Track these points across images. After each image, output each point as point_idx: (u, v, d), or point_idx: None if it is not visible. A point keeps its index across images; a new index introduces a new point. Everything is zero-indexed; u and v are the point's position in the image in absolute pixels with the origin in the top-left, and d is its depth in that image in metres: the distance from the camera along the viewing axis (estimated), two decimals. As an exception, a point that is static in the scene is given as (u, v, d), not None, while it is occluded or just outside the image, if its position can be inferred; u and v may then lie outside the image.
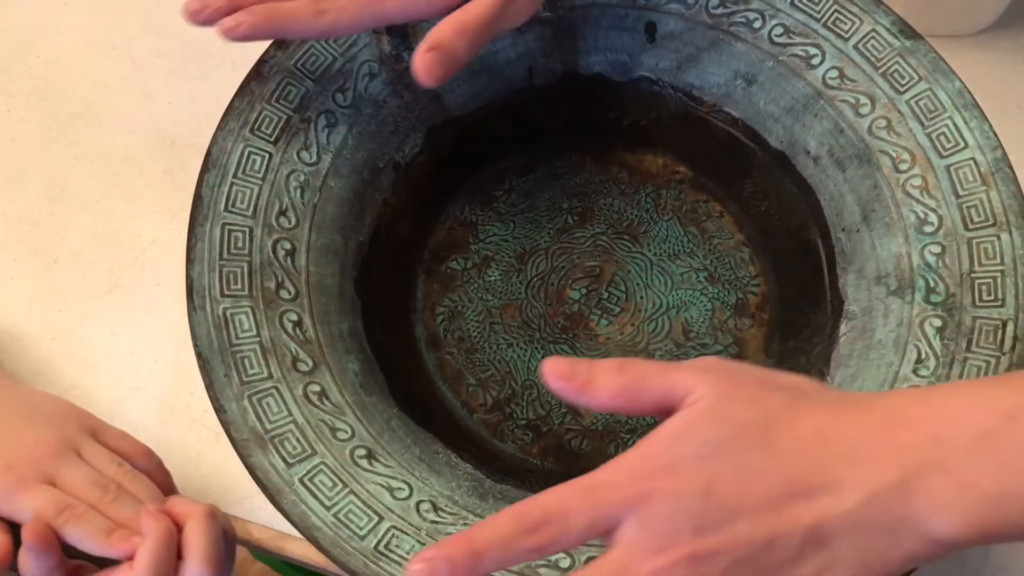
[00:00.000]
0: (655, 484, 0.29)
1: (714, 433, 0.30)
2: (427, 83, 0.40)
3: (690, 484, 0.29)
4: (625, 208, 0.51)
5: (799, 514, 0.29)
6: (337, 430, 0.40)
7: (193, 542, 0.38)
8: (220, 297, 0.41)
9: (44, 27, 0.59)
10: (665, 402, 0.31)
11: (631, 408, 0.32)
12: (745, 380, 0.32)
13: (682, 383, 0.31)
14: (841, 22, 0.47)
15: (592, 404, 0.32)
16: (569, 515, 0.29)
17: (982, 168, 0.44)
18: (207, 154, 0.43)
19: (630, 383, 0.32)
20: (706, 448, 0.30)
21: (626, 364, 0.32)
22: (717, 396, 0.31)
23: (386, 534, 0.37)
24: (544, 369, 0.32)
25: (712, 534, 0.29)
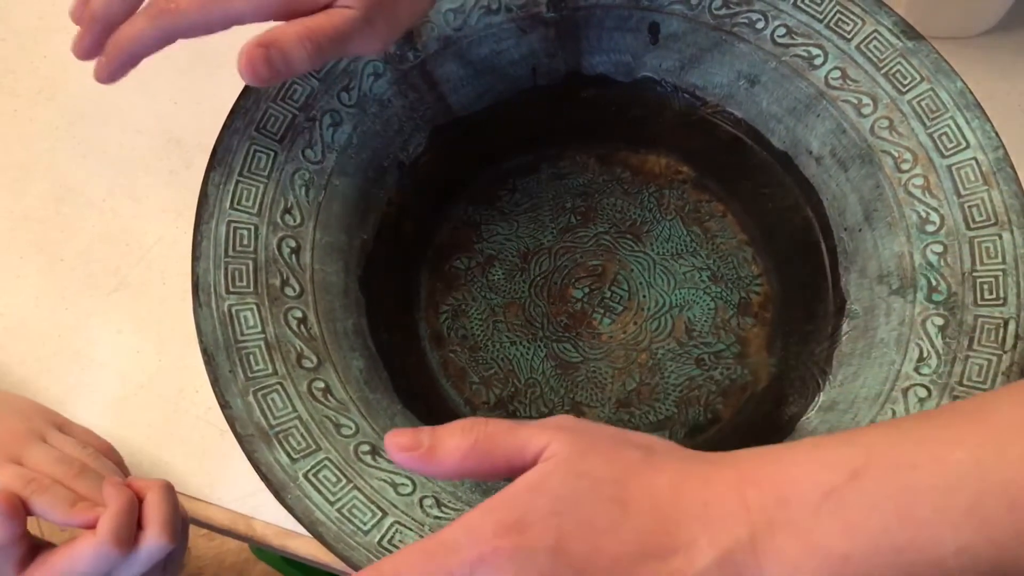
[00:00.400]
0: (501, 542, 0.28)
1: (568, 487, 0.29)
2: (248, 79, 0.37)
3: (539, 541, 0.28)
4: (628, 208, 0.52)
5: (651, 574, 0.28)
6: (341, 426, 0.40)
7: (152, 512, 0.39)
8: (225, 294, 0.41)
9: (50, 28, 0.59)
10: (518, 461, 0.31)
11: (483, 469, 0.31)
12: (599, 438, 0.31)
13: (536, 440, 0.30)
14: (843, 23, 0.47)
15: (441, 470, 0.31)
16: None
17: (984, 168, 0.44)
18: (213, 152, 0.44)
19: (480, 442, 0.31)
20: (558, 503, 0.29)
21: (472, 423, 0.31)
22: (572, 451, 0.30)
23: (390, 529, 0.38)
24: (386, 444, 0.31)
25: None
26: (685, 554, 0.28)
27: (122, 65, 0.40)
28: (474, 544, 0.28)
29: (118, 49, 0.39)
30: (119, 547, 0.37)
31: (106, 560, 0.37)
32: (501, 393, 0.47)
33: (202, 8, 0.38)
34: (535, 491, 0.29)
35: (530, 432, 0.31)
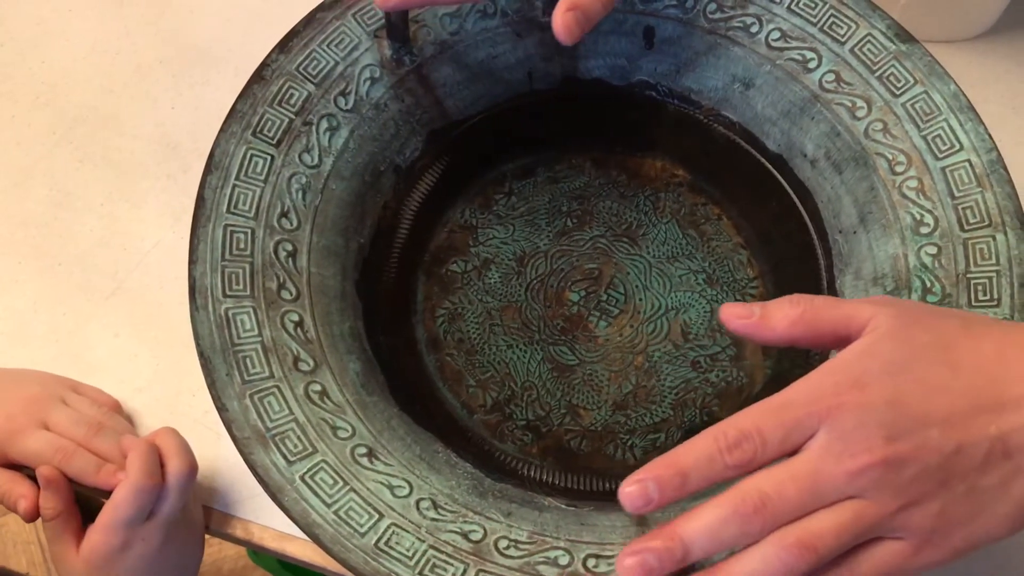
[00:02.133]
0: (844, 398, 0.30)
1: (898, 353, 0.31)
2: (566, 40, 0.40)
3: (879, 396, 0.30)
4: (624, 211, 0.52)
5: (984, 426, 0.30)
6: (338, 429, 0.40)
7: (168, 446, 0.44)
8: (222, 297, 0.41)
9: (49, 34, 0.60)
10: (843, 331, 0.33)
11: (810, 337, 0.33)
12: (921, 310, 0.34)
13: (860, 313, 0.33)
14: (837, 26, 0.47)
15: (773, 336, 0.33)
16: (764, 432, 0.30)
17: (977, 170, 0.44)
18: (210, 156, 0.44)
19: (807, 312, 0.33)
20: (891, 366, 0.31)
21: (801, 296, 0.34)
22: (897, 323, 0.32)
23: (386, 531, 0.38)
24: (722, 315, 0.34)
25: (902, 442, 0.30)
26: (1016, 409, 0.30)
27: None
28: (820, 399, 0.30)
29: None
30: (151, 480, 0.42)
31: (145, 496, 0.42)
32: (498, 396, 0.48)
33: None
34: (869, 356, 0.31)
35: (854, 306, 0.33)
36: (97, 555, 0.42)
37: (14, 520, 1.14)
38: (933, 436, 0.30)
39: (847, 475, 0.30)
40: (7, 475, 0.44)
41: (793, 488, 0.30)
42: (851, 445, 0.30)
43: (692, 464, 0.30)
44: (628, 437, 0.47)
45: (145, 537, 0.42)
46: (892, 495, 0.30)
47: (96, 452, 0.44)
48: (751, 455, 0.30)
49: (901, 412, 0.30)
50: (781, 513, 0.30)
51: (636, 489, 0.30)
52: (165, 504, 0.43)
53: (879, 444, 0.30)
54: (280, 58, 0.46)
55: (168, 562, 0.44)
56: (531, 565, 0.37)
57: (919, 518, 0.30)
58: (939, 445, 0.30)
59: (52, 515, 0.43)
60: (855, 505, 0.30)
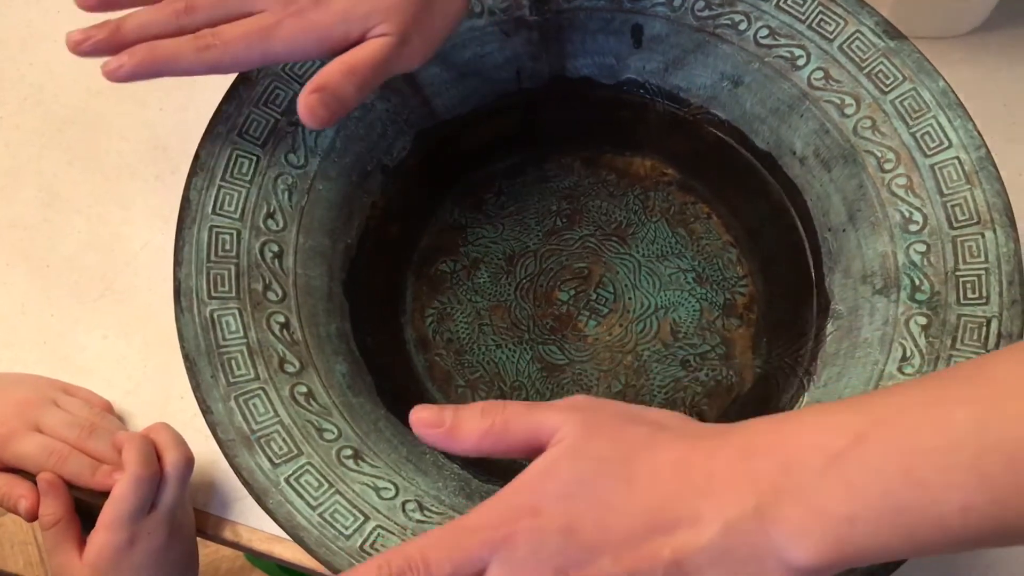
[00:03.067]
0: (517, 525, 0.30)
1: (576, 471, 0.30)
2: (310, 125, 0.39)
3: (551, 523, 0.29)
4: (613, 210, 0.52)
5: (659, 548, 0.29)
6: (323, 431, 0.40)
7: (164, 439, 0.44)
8: (207, 299, 0.41)
9: (37, 35, 0.60)
10: (534, 441, 0.32)
11: (500, 449, 0.33)
12: (609, 417, 0.32)
13: (548, 422, 0.32)
14: (825, 23, 0.47)
15: (461, 448, 0.33)
16: (430, 563, 0.29)
17: (966, 167, 0.44)
18: (195, 157, 0.44)
19: (496, 425, 0.32)
20: (568, 486, 0.30)
21: (491, 406, 0.33)
22: (580, 434, 0.31)
23: (372, 533, 0.37)
24: (411, 419, 0.33)
25: (574, 572, 0.29)
26: (691, 527, 0.29)
27: (147, 73, 0.40)
28: (494, 526, 0.30)
29: (152, 60, 0.40)
30: (150, 470, 0.42)
31: (145, 487, 0.42)
32: (487, 396, 0.47)
33: (246, 47, 0.39)
34: (546, 476, 0.31)
35: (544, 415, 0.32)
36: (103, 556, 0.42)
37: (11, 520, 1.14)
38: (605, 565, 0.29)
39: None
40: (4, 477, 0.44)
41: None
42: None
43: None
44: (617, 437, 0.47)
45: (150, 531, 0.42)
46: None
47: (90, 453, 0.44)
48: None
49: (573, 541, 0.29)
50: None
51: None
52: (166, 495, 0.43)
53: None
54: (265, 59, 0.46)
55: (174, 558, 0.44)
56: None
57: None
58: (613, 574, 0.29)
59: (52, 521, 0.43)
60: None
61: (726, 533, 0.29)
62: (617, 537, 0.29)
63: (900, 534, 0.29)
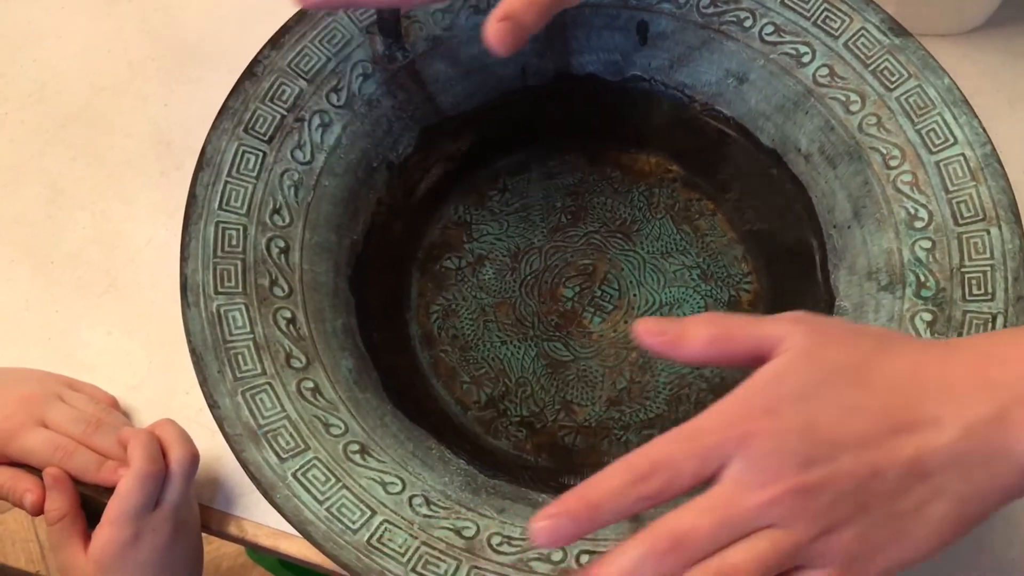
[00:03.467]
0: (757, 425, 0.30)
1: (811, 375, 0.31)
2: (499, 51, 0.39)
3: (791, 423, 0.30)
4: (618, 207, 0.52)
5: (900, 448, 0.30)
6: (330, 426, 0.40)
7: (169, 436, 0.44)
8: (214, 294, 0.41)
9: (41, 32, 0.59)
10: (757, 351, 0.32)
11: (722, 357, 0.33)
12: (836, 328, 0.33)
13: (774, 332, 0.32)
14: (831, 20, 0.47)
15: (687, 355, 0.33)
16: (676, 462, 0.30)
17: (972, 164, 0.44)
18: (201, 153, 0.44)
19: (722, 332, 0.32)
20: (803, 389, 0.30)
21: (716, 316, 0.33)
22: (809, 343, 0.32)
23: (379, 528, 0.37)
24: (637, 329, 0.33)
25: (816, 468, 0.29)
26: (931, 428, 0.30)
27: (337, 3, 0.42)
28: (733, 425, 0.30)
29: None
30: (155, 466, 0.42)
31: (150, 483, 0.42)
32: (492, 392, 0.47)
33: None
34: (780, 380, 0.31)
35: (769, 325, 0.32)
36: (108, 551, 0.42)
37: (12, 518, 1.14)
38: (847, 461, 0.30)
39: (761, 505, 0.29)
40: (9, 472, 0.44)
41: (707, 522, 0.29)
42: (764, 474, 0.29)
43: (603, 497, 0.30)
44: (622, 433, 0.47)
45: (155, 527, 0.42)
46: (808, 523, 0.29)
47: (96, 449, 0.44)
48: (662, 486, 0.30)
49: (814, 438, 0.30)
50: (696, 549, 0.29)
51: (547, 525, 0.29)
52: (171, 492, 0.43)
53: (792, 472, 0.29)
54: (272, 54, 0.46)
55: (179, 554, 0.44)
56: (524, 562, 0.37)
57: (838, 545, 0.30)
58: (854, 470, 0.29)
59: (58, 516, 0.43)
60: (772, 535, 0.29)
61: (966, 435, 0.30)
62: (857, 436, 0.30)
63: None
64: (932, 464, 0.30)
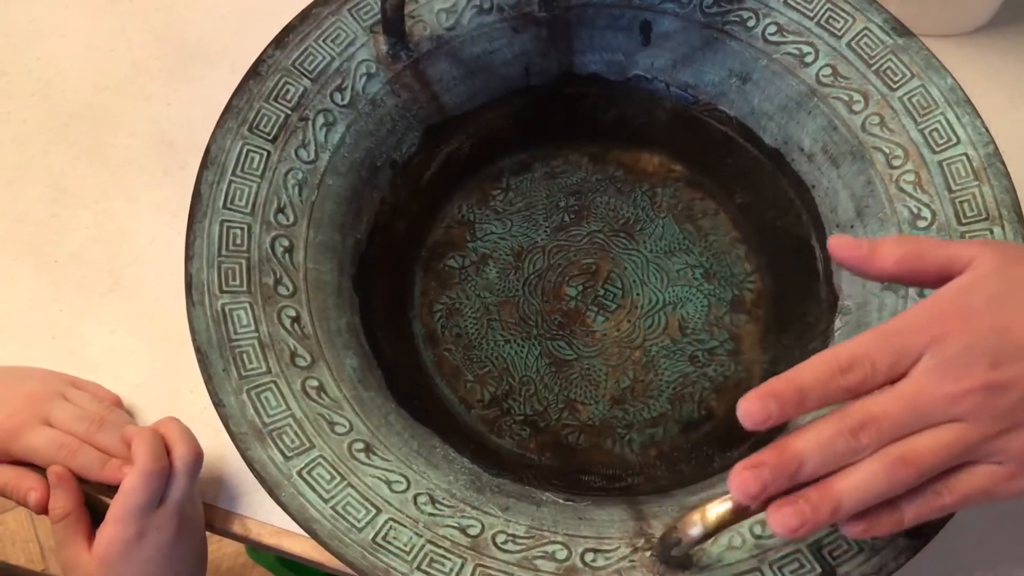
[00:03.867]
0: (949, 326, 0.31)
1: (1001, 287, 0.32)
2: None
3: (983, 325, 0.31)
4: (621, 206, 0.52)
5: None
6: (335, 424, 0.40)
7: (173, 434, 0.44)
8: (219, 293, 0.41)
9: (44, 31, 0.59)
10: (946, 270, 0.34)
11: (914, 274, 0.34)
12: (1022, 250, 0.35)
13: (964, 252, 0.34)
14: (834, 20, 0.47)
15: (879, 270, 0.34)
16: (874, 356, 0.31)
17: (975, 163, 0.44)
18: (206, 152, 0.44)
19: (913, 250, 0.34)
20: (994, 299, 0.32)
21: (907, 236, 0.36)
22: (1000, 259, 0.33)
23: (384, 526, 0.38)
24: (830, 245, 0.35)
25: (1005, 368, 0.31)
26: None
27: None
28: (926, 326, 0.32)
29: None
30: (159, 464, 0.42)
31: (154, 481, 0.42)
32: (495, 391, 0.47)
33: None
34: (973, 289, 0.33)
35: (958, 247, 0.34)
36: (112, 549, 0.42)
37: (12, 518, 1.14)
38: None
39: (950, 398, 0.31)
40: (13, 470, 0.44)
41: (897, 408, 0.31)
42: (955, 370, 0.31)
43: (811, 384, 0.31)
44: (626, 432, 0.47)
45: (159, 525, 0.42)
46: (993, 420, 0.31)
47: (99, 447, 0.44)
48: (862, 378, 0.31)
49: (1005, 340, 0.31)
50: (886, 431, 0.31)
51: (757, 404, 0.31)
52: (175, 490, 0.43)
53: (982, 369, 0.31)
54: (276, 54, 0.46)
55: (183, 553, 0.44)
56: (529, 560, 0.37)
57: (1018, 444, 0.31)
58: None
59: (62, 514, 0.43)
60: (957, 428, 0.31)
61: None
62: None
63: None
64: None
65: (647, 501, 0.41)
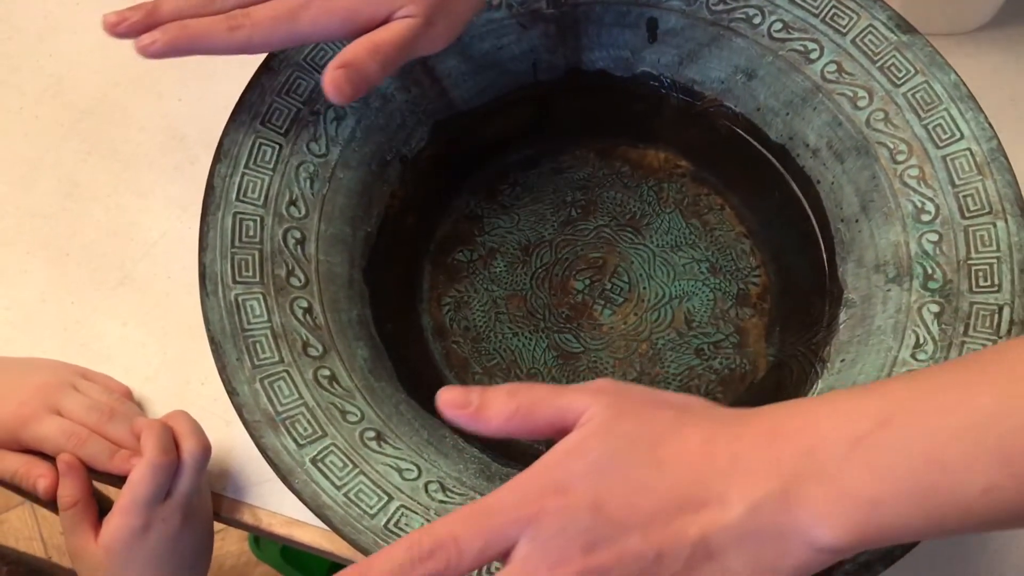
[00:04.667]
0: (545, 503, 0.30)
1: (604, 449, 0.31)
2: (335, 99, 0.40)
3: (580, 501, 0.30)
4: (628, 201, 0.52)
5: (686, 527, 0.30)
6: (347, 413, 0.40)
7: (182, 427, 0.44)
8: (232, 283, 0.42)
9: (56, 27, 0.60)
10: (560, 423, 0.32)
11: (526, 430, 0.33)
12: (636, 400, 0.33)
13: (575, 404, 0.32)
14: (839, 17, 0.48)
15: (487, 429, 0.33)
16: (460, 541, 0.30)
17: (978, 158, 0.44)
18: (219, 145, 0.44)
19: (523, 406, 0.32)
20: (595, 465, 0.30)
21: (517, 388, 0.33)
22: (608, 415, 0.32)
23: (395, 513, 0.38)
24: (439, 400, 0.33)
25: (602, 549, 0.29)
26: (717, 506, 0.30)
27: (179, 50, 0.41)
28: (522, 504, 0.30)
29: (185, 37, 0.41)
30: (167, 457, 0.42)
31: (161, 473, 0.42)
32: (504, 383, 0.48)
33: (272, 27, 0.41)
34: (574, 455, 0.31)
35: (571, 397, 0.32)
36: (118, 539, 0.42)
37: (16, 516, 1.14)
38: (633, 542, 0.29)
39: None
40: (23, 458, 0.45)
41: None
42: (550, 555, 0.29)
43: (384, 572, 0.29)
44: (633, 423, 0.47)
45: (165, 518, 0.43)
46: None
47: (109, 438, 0.45)
48: (445, 564, 0.29)
49: (601, 518, 0.30)
50: None
51: None
52: (182, 483, 0.43)
53: (577, 554, 0.29)
54: (287, 49, 0.46)
55: (188, 546, 0.44)
56: None
57: None
58: (639, 551, 0.29)
59: (70, 503, 0.43)
60: None
61: (752, 513, 0.29)
62: (645, 515, 0.30)
63: (923, 515, 0.29)
64: (718, 543, 0.29)
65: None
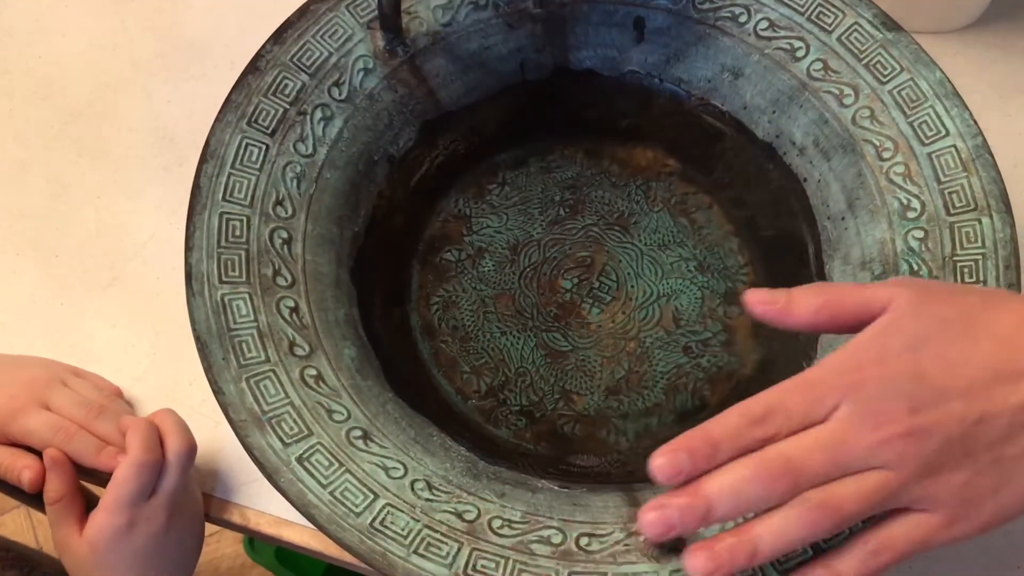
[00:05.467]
0: (867, 373, 0.31)
1: (918, 328, 0.32)
2: None
3: (901, 370, 0.31)
4: (616, 200, 0.52)
5: (1007, 395, 0.31)
6: (333, 412, 0.40)
7: (168, 425, 0.44)
8: (218, 283, 0.42)
9: (46, 29, 0.60)
10: (865, 315, 0.33)
11: (834, 322, 0.34)
12: (941, 287, 0.35)
13: (880, 294, 0.33)
14: (824, 15, 0.48)
15: (796, 323, 0.34)
16: (788, 407, 0.31)
17: (963, 155, 0.45)
18: (205, 145, 0.44)
19: (831, 299, 0.34)
20: (912, 341, 0.32)
21: (824, 285, 0.35)
22: (916, 299, 0.33)
23: (381, 511, 0.38)
24: (747, 300, 0.35)
25: (926, 412, 0.31)
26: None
27: None
28: (844, 374, 0.31)
29: None
30: (151, 455, 0.42)
31: (146, 472, 0.42)
32: (492, 382, 0.48)
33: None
34: (890, 333, 0.32)
35: (874, 290, 0.34)
36: (102, 536, 0.42)
37: (11, 519, 1.14)
38: (956, 407, 0.31)
39: (871, 446, 0.30)
40: (8, 451, 0.45)
41: (817, 457, 0.31)
42: (874, 416, 0.31)
43: (722, 437, 0.31)
44: (621, 422, 0.47)
45: (149, 516, 0.43)
46: (915, 466, 0.30)
47: (97, 434, 0.45)
48: (776, 429, 0.31)
49: (923, 384, 0.31)
50: (805, 478, 0.31)
51: (668, 460, 0.31)
52: (166, 481, 0.43)
53: (902, 415, 0.30)
54: (274, 49, 0.47)
55: (172, 544, 0.44)
56: (525, 544, 0.38)
57: (944, 489, 0.31)
58: (962, 416, 0.30)
59: (56, 497, 0.43)
60: (878, 475, 0.31)
61: None
62: (965, 383, 0.31)
63: None
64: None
65: (642, 488, 0.41)
